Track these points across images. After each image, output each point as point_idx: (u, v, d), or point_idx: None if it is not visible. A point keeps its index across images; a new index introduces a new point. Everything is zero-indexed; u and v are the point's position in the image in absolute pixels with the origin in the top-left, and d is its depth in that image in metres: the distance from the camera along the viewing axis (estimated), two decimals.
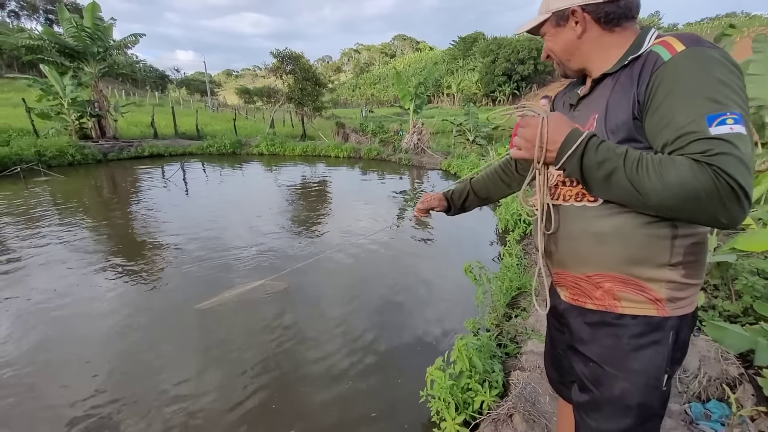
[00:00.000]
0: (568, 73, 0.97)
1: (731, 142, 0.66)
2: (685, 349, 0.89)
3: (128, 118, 15.74)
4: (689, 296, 0.85)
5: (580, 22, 0.86)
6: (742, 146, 0.66)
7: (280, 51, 17.24)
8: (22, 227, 5.24)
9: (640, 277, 0.83)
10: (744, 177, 0.65)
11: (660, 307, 0.83)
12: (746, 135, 0.67)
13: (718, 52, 0.73)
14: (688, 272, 0.82)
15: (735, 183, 0.65)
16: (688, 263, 0.82)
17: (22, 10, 58.27)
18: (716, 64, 0.71)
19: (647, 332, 0.85)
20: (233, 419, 2.06)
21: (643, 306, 0.84)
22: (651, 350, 0.85)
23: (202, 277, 3.77)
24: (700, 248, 0.83)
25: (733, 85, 0.70)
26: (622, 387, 0.87)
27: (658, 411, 0.89)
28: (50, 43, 11.73)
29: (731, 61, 0.72)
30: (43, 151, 10.25)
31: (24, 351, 2.60)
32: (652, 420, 0.90)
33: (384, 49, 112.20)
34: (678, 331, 0.85)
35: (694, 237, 0.81)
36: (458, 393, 1.83)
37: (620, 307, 0.86)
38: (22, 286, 3.53)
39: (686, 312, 0.85)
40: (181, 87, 65.17)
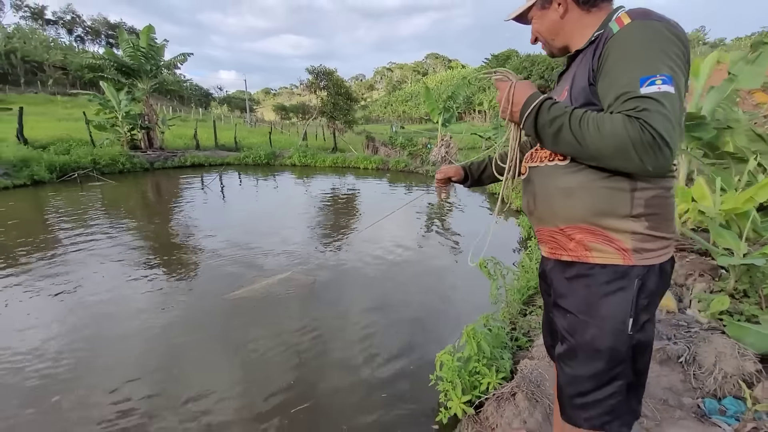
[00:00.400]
0: (554, 52, 1.08)
1: (657, 99, 0.76)
2: (653, 299, 0.95)
3: (174, 130, 16.90)
4: (656, 249, 0.91)
5: (561, 3, 0.98)
6: (666, 103, 0.76)
7: (315, 67, 18.04)
8: (76, 225, 5.77)
9: (606, 227, 0.91)
10: (666, 129, 0.75)
11: (626, 257, 0.91)
12: (673, 93, 0.77)
13: (663, 24, 0.82)
14: (652, 224, 0.90)
15: (657, 134, 0.75)
16: (650, 215, 0.89)
17: (87, 35, 64.26)
18: (656, 34, 0.81)
19: (614, 280, 0.92)
20: (256, 395, 2.20)
21: (611, 256, 0.92)
22: (617, 296, 0.92)
23: (232, 271, 4.01)
24: (661, 201, 0.90)
25: (669, 52, 0.79)
26: (592, 333, 0.95)
27: (625, 356, 0.95)
28: (110, 62, 12.96)
29: (672, 31, 0.81)
30: (97, 159, 11.18)
31: (71, 338, 2.86)
32: (620, 365, 0.96)
33: (416, 68, 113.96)
34: (644, 280, 0.91)
35: (653, 190, 0.89)
36: (465, 375, 1.89)
37: (591, 257, 0.94)
38: (72, 276, 3.91)
39: (652, 263, 0.92)
40: (222, 104, 68.93)
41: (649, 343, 0.99)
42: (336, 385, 2.29)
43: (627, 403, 0.99)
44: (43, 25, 59.31)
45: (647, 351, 1.00)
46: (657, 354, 2.05)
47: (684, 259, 3.22)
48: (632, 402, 1.01)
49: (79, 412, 2.05)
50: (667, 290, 1.00)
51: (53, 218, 6.16)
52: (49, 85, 38.71)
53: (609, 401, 0.97)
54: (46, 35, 49.28)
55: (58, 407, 2.08)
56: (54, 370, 2.37)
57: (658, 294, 0.96)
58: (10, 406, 2.07)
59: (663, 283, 0.95)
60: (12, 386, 2.23)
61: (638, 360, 0.98)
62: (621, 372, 0.96)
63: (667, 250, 0.94)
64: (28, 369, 2.37)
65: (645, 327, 0.95)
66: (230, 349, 2.66)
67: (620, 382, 0.97)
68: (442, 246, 5.02)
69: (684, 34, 0.83)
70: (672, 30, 0.82)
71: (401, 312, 3.20)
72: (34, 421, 1.99)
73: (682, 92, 0.79)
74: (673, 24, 0.83)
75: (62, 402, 2.11)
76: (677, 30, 0.82)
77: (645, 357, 1.00)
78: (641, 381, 1.02)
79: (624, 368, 0.96)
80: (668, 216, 0.93)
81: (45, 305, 3.22)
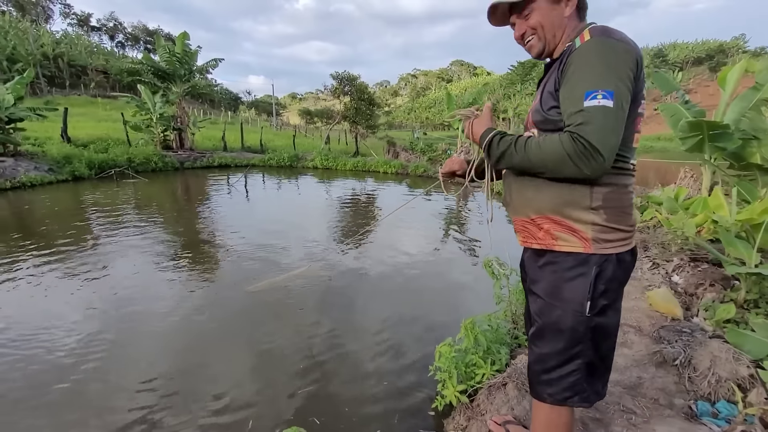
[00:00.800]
0: (542, 53, 1.10)
1: (594, 113, 0.88)
2: (611, 285, 1.04)
3: (203, 132, 17.62)
4: (614, 240, 1.01)
5: (571, 1, 1.03)
6: (601, 116, 0.88)
7: (339, 73, 18.46)
8: (111, 218, 6.18)
9: (569, 218, 1.02)
10: (598, 139, 0.88)
11: (587, 246, 1.01)
12: (610, 107, 0.88)
13: (616, 42, 0.92)
14: (610, 217, 1.00)
15: (588, 144, 0.88)
16: (608, 208, 0.99)
17: (127, 41, 67.83)
18: (608, 52, 0.91)
19: (575, 266, 1.03)
20: (268, 376, 2.37)
21: (573, 244, 1.03)
22: (577, 281, 1.03)
23: (253, 265, 4.23)
24: (618, 196, 1.00)
25: (616, 68, 0.90)
26: (557, 314, 1.06)
27: (583, 336, 1.05)
28: (147, 66, 13.73)
29: (625, 48, 0.91)
30: (132, 157, 11.83)
31: (102, 325, 3.06)
32: (579, 344, 1.06)
33: (441, 75, 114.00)
34: (602, 267, 1.01)
35: (610, 186, 0.99)
36: (462, 366, 1.98)
37: (557, 246, 1.05)
38: (105, 264, 4.22)
39: (610, 252, 1.01)
40: (250, 108, 71.02)
41: (611, 329, 1.08)
42: (341, 372, 2.42)
43: (590, 383, 1.09)
44: (88, 31, 63.06)
45: (610, 336, 1.09)
46: (653, 356, 2.09)
47: (696, 269, 3.19)
48: (596, 384, 1.10)
49: (106, 389, 2.27)
50: (627, 279, 1.09)
51: (91, 211, 6.60)
52: (91, 87, 41.05)
53: (569, 378, 1.08)
54: (90, 41, 52.32)
55: (86, 384, 2.30)
56: (86, 349, 2.59)
57: (616, 281, 1.05)
58: (41, 383, 2.31)
59: (621, 272, 1.05)
60: (46, 362, 2.44)
61: (601, 344, 1.07)
62: (581, 351, 1.06)
63: (625, 242, 1.03)
64: (62, 348, 2.61)
65: (606, 312, 1.04)
66: (246, 335, 2.84)
67: (580, 361, 1.07)
68: (458, 249, 5.10)
69: (636, 52, 0.93)
70: (624, 47, 0.92)
71: (412, 311, 3.30)
72: (68, 392, 2.21)
73: (622, 105, 0.90)
74: (626, 41, 0.93)
75: (91, 381, 2.33)
76: (629, 47, 0.92)
77: (608, 341, 1.09)
78: (606, 364, 1.11)
79: (583, 348, 1.06)
80: (626, 210, 1.02)
81: (79, 289, 3.51)
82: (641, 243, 4.11)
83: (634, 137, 1.00)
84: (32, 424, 1.95)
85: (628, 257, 1.06)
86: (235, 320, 3.08)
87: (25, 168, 9.24)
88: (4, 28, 36.19)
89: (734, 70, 4.99)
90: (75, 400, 2.14)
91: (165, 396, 2.17)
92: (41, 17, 57.24)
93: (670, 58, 52.47)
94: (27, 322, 2.91)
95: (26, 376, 2.31)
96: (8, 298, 3.32)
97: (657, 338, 2.31)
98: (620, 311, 1.11)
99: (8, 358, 2.47)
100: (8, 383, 2.24)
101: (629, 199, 1.03)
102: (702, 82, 45.35)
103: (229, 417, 2.02)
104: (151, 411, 2.05)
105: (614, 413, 1.72)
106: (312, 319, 3.10)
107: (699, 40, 60.83)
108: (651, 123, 41.13)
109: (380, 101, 22.26)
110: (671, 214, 4.54)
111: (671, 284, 3.11)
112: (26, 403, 2.10)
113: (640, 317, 2.61)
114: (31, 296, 3.36)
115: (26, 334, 2.74)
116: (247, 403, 2.12)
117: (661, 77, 5.45)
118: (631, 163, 1.02)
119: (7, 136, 9.47)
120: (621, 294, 1.10)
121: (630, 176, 1.03)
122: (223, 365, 2.48)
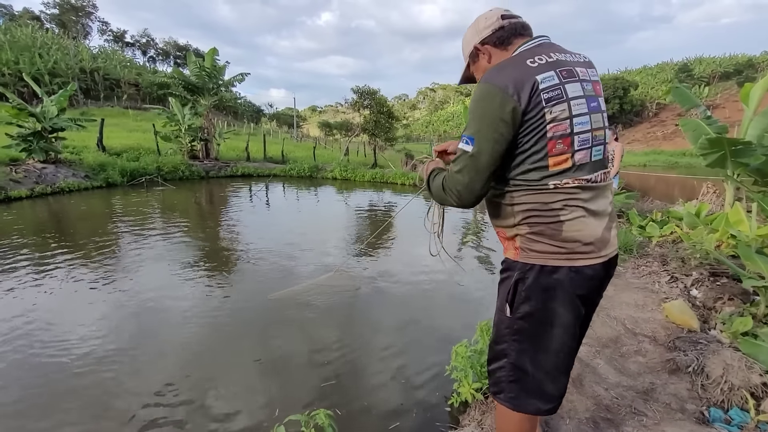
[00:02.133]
0: None
1: (459, 155, 1.10)
2: (533, 293, 1.10)
3: (227, 143, 18.26)
4: (540, 251, 1.08)
5: (484, 52, 1.21)
6: (460, 158, 1.09)
7: (359, 87, 18.91)
8: (140, 222, 6.52)
9: (505, 228, 1.17)
10: (454, 177, 1.11)
11: (516, 254, 1.14)
12: (467, 151, 1.07)
13: (482, 85, 1.05)
14: (533, 230, 1.09)
15: (450, 181, 1.13)
16: (531, 224, 1.09)
17: (158, 56, 71.13)
18: (477, 98, 1.06)
19: (505, 270, 1.18)
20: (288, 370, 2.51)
21: (510, 252, 1.18)
22: (504, 283, 1.18)
23: (273, 272, 4.41)
24: (539, 213, 1.07)
25: (477, 116, 1.05)
26: (495, 310, 1.22)
27: (507, 336, 1.16)
28: (178, 80, 14.44)
29: (487, 90, 1.03)
30: (161, 166, 12.39)
31: (117, 340, 3.16)
32: (503, 343, 1.18)
33: (459, 88, 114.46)
34: (524, 274, 1.11)
35: (526, 204, 1.09)
36: (477, 366, 2.07)
37: (506, 253, 1.21)
38: (131, 266, 4.48)
39: (534, 262, 1.09)
40: (272, 120, 72.95)
41: (542, 341, 1.12)
42: (361, 369, 2.54)
43: (519, 390, 1.17)
44: (122, 47, 66.48)
45: (542, 350, 1.12)
46: (666, 363, 2.13)
47: (715, 283, 3.19)
48: (529, 396, 1.16)
49: (123, 385, 2.46)
50: (558, 296, 1.08)
51: (122, 216, 6.99)
52: (123, 99, 43.11)
53: (497, 374, 1.21)
54: (125, 56, 55.16)
55: (107, 381, 2.48)
56: (105, 348, 2.78)
57: (540, 291, 1.09)
58: (57, 379, 2.51)
59: (545, 283, 1.08)
60: (64, 361, 2.60)
61: (530, 353, 1.14)
62: (505, 350, 1.18)
63: (554, 257, 1.07)
64: (84, 346, 2.82)
65: (530, 320, 1.12)
66: (267, 334, 2.99)
67: (505, 360, 1.18)
68: (473, 258, 5.17)
69: (503, 88, 1.00)
70: (487, 89, 1.03)
71: (426, 317, 3.40)
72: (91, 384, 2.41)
73: (481, 148, 1.04)
74: (490, 81, 1.03)
75: (110, 376, 2.52)
76: (488, 88, 1.03)
77: (541, 356, 1.13)
78: (538, 383, 1.15)
79: (507, 348, 1.17)
80: (554, 226, 1.06)
81: (104, 290, 3.75)
82: (660, 257, 4.10)
83: (548, 160, 1.02)
84: (62, 419, 2.14)
85: (564, 275, 1.06)
86: (257, 320, 3.24)
87: (64, 174, 9.83)
88: (47, 44, 38.62)
89: (758, 86, 4.97)
90: (96, 392, 2.32)
91: (183, 393, 2.33)
92: (81, 34, 60.82)
93: (695, 73, 51.37)
94: (52, 321, 3.09)
95: (45, 374, 2.48)
96: (38, 295, 3.53)
97: (671, 347, 2.35)
98: (565, 330, 1.10)
99: (20, 355, 2.63)
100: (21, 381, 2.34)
101: (557, 215, 1.05)
102: (730, 97, 44.12)
103: (260, 400, 2.16)
104: (171, 409, 2.21)
105: (625, 415, 1.78)
106: (333, 321, 3.23)
107: (727, 55, 59.42)
108: (676, 138, 40.17)
109: (398, 114, 22.59)
110: (691, 228, 4.52)
111: (689, 298, 3.12)
112: (46, 397, 2.30)
113: (655, 328, 2.64)
114: (55, 294, 3.60)
115: (49, 335, 2.95)
116: (273, 393, 2.26)
117: (680, 92, 5.46)
118: (552, 184, 1.04)
119: (50, 145, 10.11)
120: (557, 309, 1.09)
121: (554, 194, 1.05)
122: (247, 360, 2.63)
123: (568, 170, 1.04)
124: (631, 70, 68.89)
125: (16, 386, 2.27)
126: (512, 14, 1.19)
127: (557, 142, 1.02)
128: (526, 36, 1.17)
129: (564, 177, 1.04)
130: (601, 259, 1.09)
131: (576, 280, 1.07)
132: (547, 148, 1.02)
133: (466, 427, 1.77)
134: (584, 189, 1.06)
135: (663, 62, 67.61)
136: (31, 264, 4.29)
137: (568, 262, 1.06)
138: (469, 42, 1.24)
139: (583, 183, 1.05)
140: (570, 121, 1.02)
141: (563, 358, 1.14)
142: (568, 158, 1.03)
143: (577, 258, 1.06)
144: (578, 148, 1.04)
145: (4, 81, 28.85)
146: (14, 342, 2.73)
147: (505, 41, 1.17)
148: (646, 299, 3.13)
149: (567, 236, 1.05)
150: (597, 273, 1.10)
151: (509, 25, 1.17)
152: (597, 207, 1.08)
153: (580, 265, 1.07)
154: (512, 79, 1.01)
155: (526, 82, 1.00)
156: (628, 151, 34.98)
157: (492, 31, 1.18)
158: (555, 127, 1.01)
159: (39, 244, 5.03)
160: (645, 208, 7.24)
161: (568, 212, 1.05)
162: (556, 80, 1.02)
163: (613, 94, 41.48)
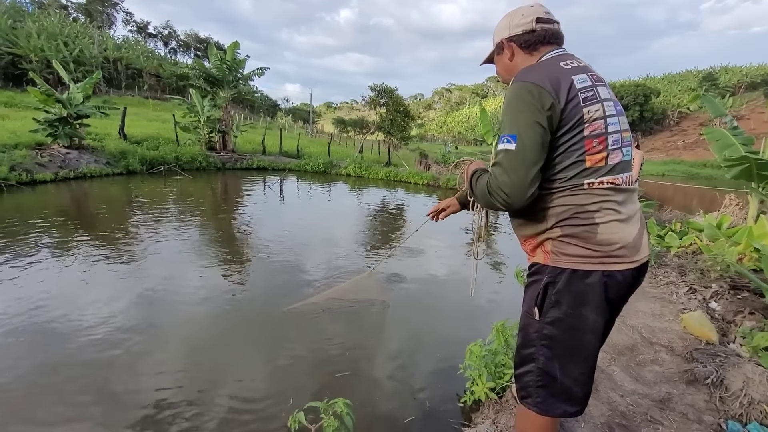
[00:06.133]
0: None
1: (501, 155, 1.06)
2: (563, 298, 1.09)
3: (244, 136, 18.46)
4: (572, 255, 1.07)
5: (508, 48, 1.22)
6: (503, 158, 1.05)
7: (377, 85, 18.94)
8: (157, 210, 6.67)
9: (535, 235, 1.16)
10: (499, 180, 1.05)
11: (546, 258, 1.13)
12: (510, 150, 1.03)
13: (519, 84, 1.04)
14: (566, 233, 1.08)
15: (495, 183, 1.06)
16: (565, 226, 1.08)
17: (179, 47, 72.22)
18: (513, 96, 1.06)
19: (534, 273, 1.18)
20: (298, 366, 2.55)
21: (540, 256, 1.16)
22: (532, 287, 1.17)
23: (283, 266, 4.45)
24: (574, 215, 1.06)
25: (518, 111, 1.03)
26: (521, 314, 1.22)
27: (535, 341, 1.15)
28: (198, 72, 14.65)
29: (525, 88, 1.02)
30: (180, 156, 12.60)
31: (134, 322, 3.06)
32: (531, 347, 1.17)
33: (476, 90, 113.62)
34: (554, 278, 1.10)
35: (560, 208, 1.08)
36: (491, 366, 2.09)
37: (533, 258, 1.20)
38: (145, 252, 4.59)
39: (565, 266, 1.08)
40: (288, 115, 73.43)
41: (571, 348, 1.11)
42: (375, 365, 2.57)
43: (545, 395, 1.15)
44: (145, 37, 67.69)
45: (571, 356, 1.12)
46: (684, 374, 2.11)
47: (735, 297, 3.14)
48: (556, 401, 1.15)
49: (136, 368, 2.53)
50: (589, 302, 1.07)
51: (141, 202, 7.16)
52: (144, 89, 43.93)
53: (524, 378, 1.20)
54: (147, 47, 56.18)
55: (112, 366, 2.56)
56: (113, 334, 2.85)
57: (571, 296, 1.08)
58: (67, 358, 2.59)
59: (577, 288, 1.07)
60: (74, 341, 2.65)
61: (559, 358, 1.12)
62: (533, 354, 1.16)
63: (587, 261, 1.06)
64: (97, 330, 2.91)
65: (560, 325, 1.10)
66: (281, 328, 3.05)
67: (533, 365, 1.16)
68: (486, 265, 5.16)
69: (540, 85, 1.01)
70: (524, 87, 1.03)
71: (440, 320, 3.42)
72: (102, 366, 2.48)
73: (525, 144, 1.01)
74: (526, 79, 1.04)
75: (115, 363, 2.59)
76: (529, 84, 1.03)
77: (571, 361, 1.12)
78: (566, 387, 1.14)
79: (535, 352, 1.15)
80: (589, 229, 1.05)
81: (118, 274, 3.86)
82: (678, 268, 4.04)
83: (586, 159, 1.04)
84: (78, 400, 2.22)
85: (596, 279, 1.05)
86: (270, 312, 3.30)
87: (86, 160, 10.08)
88: (74, 33, 39.54)
89: None
90: (112, 373, 2.40)
91: (192, 381, 2.39)
92: (106, 24, 62.16)
93: (720, 82, 49.93)
94: (65, 302, 3.17)
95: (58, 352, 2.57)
96: (53, 277, 3.62)
97: (689, 359, 2.32)
98: (595, 336, 1.10)
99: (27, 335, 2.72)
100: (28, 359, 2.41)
101: (592, 217, 1.05)
102: (756, 108, 42.86)
103: (274, 389, 2.21)
104: (173, 394, 2.27)
105: (641, 422, 1.78)
106: (350, 317, 3.27)
107: (754, 64, 57.70)
108: (697, 149, 39.20)
109: (414, 113, 22.57)
110: (712, 240, 4.43)
111: (708, 310, 3.07)
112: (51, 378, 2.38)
113: (672, 338, 2.61)
114: (71, 277, 3.72)
115: (62, 312, 3.06)
116: (287, 383, 2.31)
117: (708, 99, 5.37)
118: (587, 183, 1.05)
119: (75, 131, 10.37)
120: (589, 316, 1.08)
121: (589, 195, 1.05)
122: (263, 350, 2.69)
123: (602, 169, 1.05)
124: (653, 77, 67.44)
125: (29, 361, 2.37)
126: (550, 18, 1.18)
127: (594, 141, 1.04)
128: (554, 45, 1.19)
129: (598, 175, 1.05)
130: (633, 264, 1.08)
131: (608, 285, 1.06)
132: (585, 147, 1.04)
133: (481, 425, 1.79)
134: (617, 191, 1.07)
135: (687, 70, 66.06)
136: (51, 246, 4.43)
137: (601, 266, 1.06)
138: (499, 33, 1.25)
139: (615, 185, 1.06)
140: (605, 121, 1.05)
141: (591, 363, 1.15)
142: (603, 158, 1.05)
143: (610, 262, 1.06)
144: (612, 148, 1.06)
145: (32, 67, 29.63)
146: (32, 319, 2.83)
147: (531, 46, 1.19)
148: (663, 309, 3.10)
149: (601, 239, 1.05)
150: (627, 279, 1.09)
151: (541, 30, 1.17)
152: (629, 211, 1.09)
153: (613, 269, 1.06)
154: (548, 77, 1.04)
155: (562, 81, 1.03)
156: (647, 160, 34.26)
157: (522, 32, 1.19)
158: (591, 126, 1.03)
159: (60, 226, 5.19)
160: (663, 218, 7.12)
161: (603, 215, 1.05)
162: (590, 82, 1.07)
163: (633, 101, 40.67)
